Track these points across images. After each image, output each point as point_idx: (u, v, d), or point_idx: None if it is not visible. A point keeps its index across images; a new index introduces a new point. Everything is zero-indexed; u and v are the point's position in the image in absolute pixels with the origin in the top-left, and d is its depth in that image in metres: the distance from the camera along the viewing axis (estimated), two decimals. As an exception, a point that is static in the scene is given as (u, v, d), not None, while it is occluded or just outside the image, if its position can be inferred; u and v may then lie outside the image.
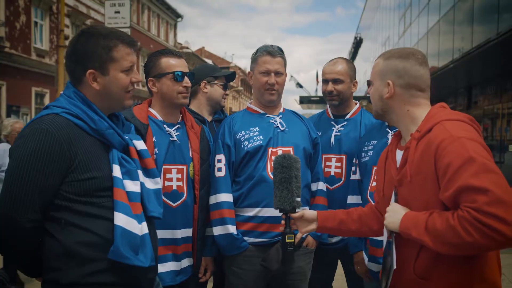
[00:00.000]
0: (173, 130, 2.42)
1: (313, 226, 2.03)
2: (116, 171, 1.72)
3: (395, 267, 1.63)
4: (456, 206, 1.46)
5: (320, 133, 2.90)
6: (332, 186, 2.83)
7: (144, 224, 1.76)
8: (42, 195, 1.61)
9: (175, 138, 2.41)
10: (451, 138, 1.48)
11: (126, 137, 1.84)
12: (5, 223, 1.60)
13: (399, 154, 1.74)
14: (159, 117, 2.44)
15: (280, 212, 2.05)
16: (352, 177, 2.75)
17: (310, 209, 2.52)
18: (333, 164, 2.86)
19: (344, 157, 2.85)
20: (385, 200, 1.80)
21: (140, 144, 1.89)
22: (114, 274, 1.66)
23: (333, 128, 2.92)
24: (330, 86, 2.91)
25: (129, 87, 1.81)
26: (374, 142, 2.59)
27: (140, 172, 1.82)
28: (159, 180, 1.93)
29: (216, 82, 3.01)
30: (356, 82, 3.02)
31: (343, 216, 2.02)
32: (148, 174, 1.88)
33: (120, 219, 1.66)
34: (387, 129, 2.59)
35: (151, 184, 1.88)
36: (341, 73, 2.92)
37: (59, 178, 1.63)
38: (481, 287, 1.53)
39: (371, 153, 2.59)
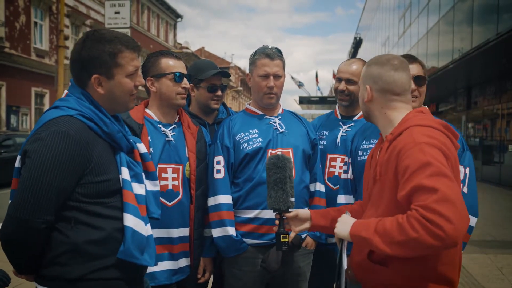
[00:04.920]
0: (169, 130, 2.43)
1: (306, 225, 2.06)
2: (125, 173, 1.77)
3: (345, 267, 1.75)
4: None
5: (326, 133, 2.92)
6: (336, 186, 2.82)
7: (149, 225, 1.84)
8: (59, 197, 1.63)
9: (171, 138, 2.41)
10: (413, 143, 1.58)
11: (131, 140, 1.87)
12: (22, 226, 1.60)
13: None
14: (155, 118, 2.45)
15: (274, 212, 2.06)
16: (343, 176, 2.69)
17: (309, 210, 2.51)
18: (337, 164, 2.84)
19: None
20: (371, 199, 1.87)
21: (142, 147, 1.93)
22: (116, 270, 1.73)
23: (340, 129, 2.89)
24: (343, 85, 2.89)
25: (133, 90, 1.84)
26: (375, 141, 2.50)
27: (143, 175, 1.87)
28: (157, 182, 2.00)
29: (201, 85, 2.83)
30: None
31: (335, 214, 2.06)
32: (148, 176, 1.93)
33: (130, 221, 1.73)
34: None
35: (151, 186, 1.94)
36: (355, 74, 2.86)
37: (76, 181, 1.66)
38: (435, 283, 1.61)
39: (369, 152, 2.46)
